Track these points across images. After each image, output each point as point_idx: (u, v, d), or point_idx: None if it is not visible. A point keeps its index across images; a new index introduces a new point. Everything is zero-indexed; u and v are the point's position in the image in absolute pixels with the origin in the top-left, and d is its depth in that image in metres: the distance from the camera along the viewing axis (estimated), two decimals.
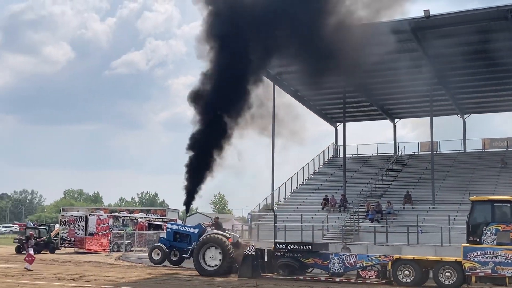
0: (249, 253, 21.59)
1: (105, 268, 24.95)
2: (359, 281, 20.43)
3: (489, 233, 18.56)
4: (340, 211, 33.73)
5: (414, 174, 38.06)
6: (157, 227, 42.34)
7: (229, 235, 23.56)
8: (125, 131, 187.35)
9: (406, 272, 19.59)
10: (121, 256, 33.19)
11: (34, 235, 32.60)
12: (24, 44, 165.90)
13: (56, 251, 37.05)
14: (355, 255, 21.22)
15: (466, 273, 18.66)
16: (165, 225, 44.44)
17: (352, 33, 25.68)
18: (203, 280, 20.08)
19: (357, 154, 43.86)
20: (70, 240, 37.41)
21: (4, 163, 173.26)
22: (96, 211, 48.10)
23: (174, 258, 24.43)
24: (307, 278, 21.02)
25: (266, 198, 36.99)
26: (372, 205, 32.46)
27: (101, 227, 38.48)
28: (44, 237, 36.58)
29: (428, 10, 27.70)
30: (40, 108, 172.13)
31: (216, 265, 22.09)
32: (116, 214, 43.89)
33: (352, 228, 30.83)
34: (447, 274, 19.05)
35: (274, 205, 37.09)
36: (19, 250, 35.54)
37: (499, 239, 18.41)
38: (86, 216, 38.08)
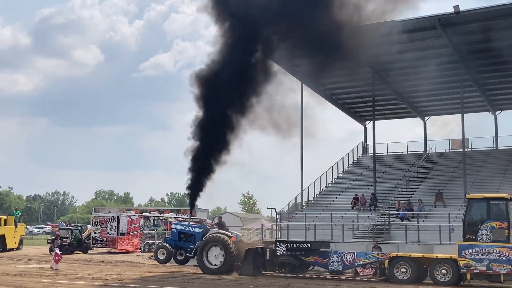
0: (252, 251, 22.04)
1: (137, 267, 25.20)
2: (356, 278, 20.64)
3: (484, 230, 18.80)
4: (370, 210, 33.49)
5: (445, 172, 37.57)
6: None
7: (231, 234, 23.81)
8: (154, 132, 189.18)
9: (403, 270, 19.85)
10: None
11: (60, 235, 33.00)
12: (54, 48, 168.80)
13: (89, 251, 37.58)
14: (354, 253, 21.45)
15: (462, 270, 18.88)
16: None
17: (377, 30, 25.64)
18: (233, 280, 20.20)
19: (387, 153, 43.50)
20: (102, 240, 37.90)
21: (37, 165, 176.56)
22: (127, 211, 48.58)
23: (180, 258, 24.67)
24: (306, 276, 21.33)
25: (295, 197, 36.96)
26: (403, 203, 32.16)
27: (133, 227, 38.92)
28: (70, 238, 37.08)
29: (458, 5, 27.33)
30: (71, 110, 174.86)
31: (218, 264, 22.41)
32: (147, 214, 44.31)
33: (383, 227, 30.58)
34: (443, 271, 19.27)
35: (303, 204, 37.06)
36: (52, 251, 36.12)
37: (494, 236, 18.63)
38: (118, 217, 38.55)
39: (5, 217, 38.50)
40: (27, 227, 62.61)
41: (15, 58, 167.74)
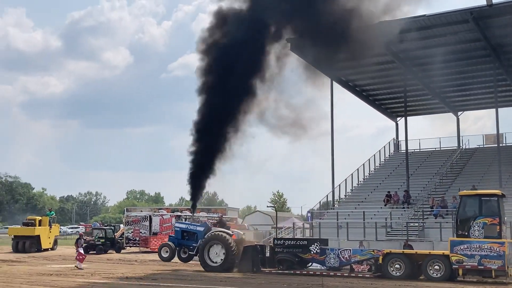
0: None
1: (170, 266, 25.29)
2: (352, 275, 21.06)
3: (476, 226, 19.12)
4: (403, 207, 33.03)
5: (479, 167, 36.88)
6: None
7: (232, 232, 24.31)
8: (184, 132, 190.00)
9: (397, 266, 20.20)
10: None
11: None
12: (85, 50, 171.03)
13: (122, 251, 37.94)
14: (350, 250, 21.95)
15: (454, 266, 19.20)
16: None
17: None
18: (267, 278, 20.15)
19: (419, 149, 42.87)
20: (135, 240, 38.23)
21: (69, 166, 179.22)
22: (159, 210, 48.91)
23: (183, 256, 25.20)
24: (303, 272, 21.79)
25: (327, 195, 36.72)
26: (436, 200, 31.63)
27: (164, 226, 39.15)
28: (93, 238, 37.45)
29: None
30: (102, 112, 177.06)
31: (219, 261, 22.85)
32: (179, 213, 44.52)
33: (417, 224, 30.15)
34: (436, 267, 19.57)
35: (335, 202, 36.79)
36: (86, 251, 36.54)
37: (486, 232, 18.95)
38: (150, 216, 38.82)
39: (40, 218, 39.14)
40: (61, 227, 63.47)
41: (47, 61, 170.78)
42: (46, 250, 37.01)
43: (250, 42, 23.84)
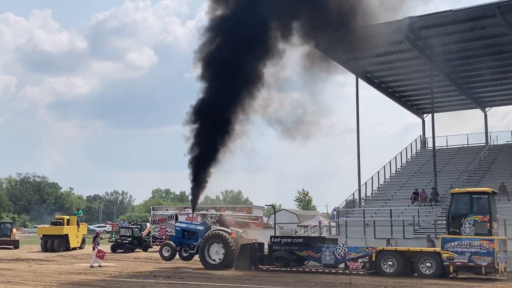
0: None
1: (197, 265, 25.35)
2: (346, 271, 21.39)
3: (467, 224, 19.44)
4: (431, 205, 32.64)
5: (508, 164, 36.20)
6: (244, 224, 42.70)
7: (231, 230, 24.67)
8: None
9: (390, 263, 20.56)
10: None
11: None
12: (110, 51, 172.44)
13: (149, 249, 38.18)
14: (345, 247, 22.27)
15: (445, 263, 19.51)
16: (252, 222, 44.98)
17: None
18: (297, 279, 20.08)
19: (447, 146, 42.33)
20: (162, 238, 38.38)
21: (95, 166, 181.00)
22: (185, 209, 49.06)
23: (185, 254, 25.54)
24: (299, 269, 22.21)
25: (353, 193, 36.49)
26: None
27: None
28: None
29: None
30: (127, 112, 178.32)
31: (219, 259, 23.37)
32: (204, 212, 44.63)
33: (445, 222, 29.68)
34: (428, 264, 19.91)
35: (361, 200, 36.53)
36: (114, 249, 36.94)
37: (477, 229, 19.25)
38: (176, 215, 39.02)
39: (68, 217, 39.60)
40: (88, 226, 64.16)
41: (72, 62, 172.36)
42: (74, 249, 37.46)
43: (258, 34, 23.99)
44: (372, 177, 37.61)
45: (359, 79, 36.49)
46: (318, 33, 26.55)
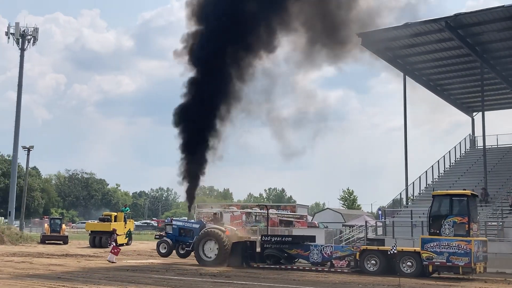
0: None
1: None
2: (331, 270, 21.94)
3: (447, 225, 20.12)
4: (481, 206, 31.73)
5: None
6: (288, 223, 42.60)
7: (225, 228, 25.54)
8: (252, 128, 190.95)
9: (373, 262, 21.25)
10: None
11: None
12: (155, 49, 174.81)
13: None
14: (332, 246, 23.49)
15: (424, 263, 20.19)
16: (296, 221, 44.77)
17: None
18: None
19: (497, 145, 41.17)
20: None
21: (141, 163, 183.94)
22: (229, 207, 49.28)
23: (181, 252, 26.14)
24: (287, 267, 22.82)
25: (400, 193, 35.86)
26: None
27: (235, 223, 39.39)
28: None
29: None
30: (172, 110, 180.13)
31: (213, 256, 24.05)
32: (249, 210, 44.73)
33: (495, 223, 28.91)
34: (409, 263, 20.59)
35: (408, 200, 35.88)
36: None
37: (456, 230, 19.92)
38: (221, 212, 39.10)
39: (115, 213, 40.26)
40: (135, 223, 65.18)
41: (119, 60, 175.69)
42: (122, 245, 37.96)
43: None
44: (420, 177, 36.91)
45: (406, 76, 35.84)
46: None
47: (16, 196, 60.79)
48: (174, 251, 26.59)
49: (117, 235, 29.51)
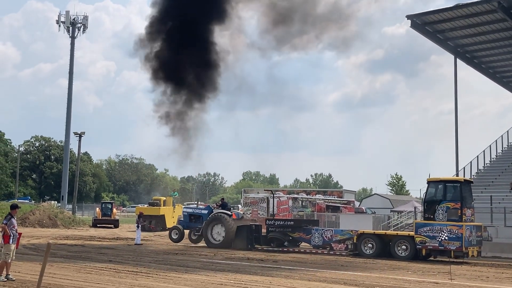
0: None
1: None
2: (330, 252, 22.84)
3: (441, 210, 20.60)
4: None
5: None
6: (335, 208, 42.28)
7: (232, 212, 26.52)
8: (298, 114, 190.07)
9: (369, 245, 21.89)
10: None
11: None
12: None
13: None
14: (332, 230, 24.43)
15: (418, 246, 20.75)
16: (343, 206, 44.40)
17: None
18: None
19: None
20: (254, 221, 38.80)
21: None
22: (276, 192, 49.32)
23: (194, 237, 26.87)
24: (290, 250, 23.84)
25: None
26: None
27: (282, 208, 39.45)
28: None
29: None
30: (219, 95, 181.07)
31: (221, 239, 25.05)
32: (295, 195, 44.66)
33: None
34: (403, 247, 21.19)
35: None
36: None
37: (449, 216, 20.43)
38: (267, 198, 39.25)
39: (164, 198, 40.89)
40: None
41: None
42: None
43: None
44: (471, 162, 36.09)
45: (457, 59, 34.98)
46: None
47: (68, 181, 62.53)
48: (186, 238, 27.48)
49: (144, 219, 30.57)
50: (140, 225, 27.07)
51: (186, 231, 27.56)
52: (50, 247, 7.31)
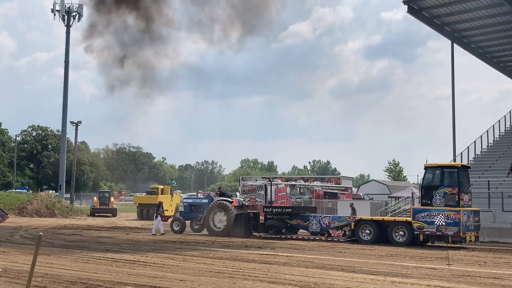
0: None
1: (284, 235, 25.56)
2: (328, 239, 23.06)
3: (438, 196, 20.70)
4: None
5: None
6: (333, 195, 42.36)
7: (232, 199, 26.47)
8: (295, 101, 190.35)
9: (367, 231, 22.07)
10: None
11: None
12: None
13: None
14: (329, 217, 24.55)
15: (415, 232, 20.84)
16: (341, 193, 44.47)
17: None
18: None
19: None
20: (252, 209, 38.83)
21: (187, 136, 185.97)
22: (274, 180, 49.35)
23: (196, 227, 26.84)
24: (288, 237, 23.94)
25: None
26: None
27: (280, 195, 39.48)
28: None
29: None
30: (216, 83, 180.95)
31: (222, 227, 25.06)
32: (293, 182, 44.69)
33: None
34: (401, 232, 21.30)
35: None
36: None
37: (446, 201, 20.53)
38: (265, 185, 39.27)
39: (162, 186, 40.86)
40: (181, 195, 66.20)
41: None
42: (169, 217, 38.60)
43: None
44: (468, 147, 36.10)
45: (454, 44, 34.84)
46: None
47: (66, 170, 62.42)
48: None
49: (162, 208, 29.96)
50: (159, 215, 25.98)
51: (188, 222, 27.34)
52: (41, 238, 7.28)
